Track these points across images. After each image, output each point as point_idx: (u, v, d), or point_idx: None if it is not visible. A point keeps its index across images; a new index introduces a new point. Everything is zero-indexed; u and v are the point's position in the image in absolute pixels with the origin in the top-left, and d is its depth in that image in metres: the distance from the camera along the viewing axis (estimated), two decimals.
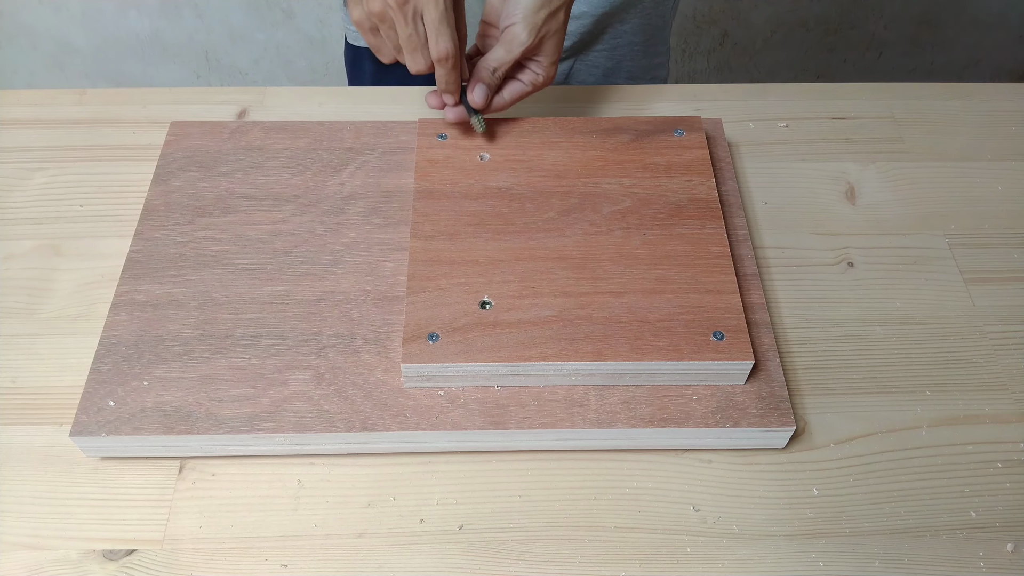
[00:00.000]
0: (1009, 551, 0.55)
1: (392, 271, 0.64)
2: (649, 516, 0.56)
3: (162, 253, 0.64)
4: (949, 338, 0.65)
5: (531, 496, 0.57)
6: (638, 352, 0.56)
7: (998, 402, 0.61)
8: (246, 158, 0.71)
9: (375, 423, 0.56)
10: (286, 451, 0.57)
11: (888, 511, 0.56)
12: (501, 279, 0.60)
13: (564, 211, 0.65)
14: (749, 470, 0.58)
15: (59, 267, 0.68)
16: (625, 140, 0.70)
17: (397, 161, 0.71)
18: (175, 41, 1.71)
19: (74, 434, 0.55)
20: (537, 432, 0.56)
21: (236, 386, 0.57)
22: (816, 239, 0.71)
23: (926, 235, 0.71)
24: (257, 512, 0.55)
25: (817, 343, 0.64)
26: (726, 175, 0.71)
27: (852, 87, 0.83)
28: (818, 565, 0.54)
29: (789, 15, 1.73)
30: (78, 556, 0.53)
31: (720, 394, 0.58)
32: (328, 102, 0.81)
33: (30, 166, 0.75)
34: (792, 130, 0.79)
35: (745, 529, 0.55)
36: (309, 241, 0.65)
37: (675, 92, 0.83)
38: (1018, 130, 0.80)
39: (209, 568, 0.53)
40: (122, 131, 0.78)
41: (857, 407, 0.61)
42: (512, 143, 0.69)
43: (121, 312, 0.61)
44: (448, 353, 0.56)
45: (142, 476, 0.57)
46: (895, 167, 0.77)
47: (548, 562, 0.54)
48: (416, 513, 0.56)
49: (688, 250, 0.62)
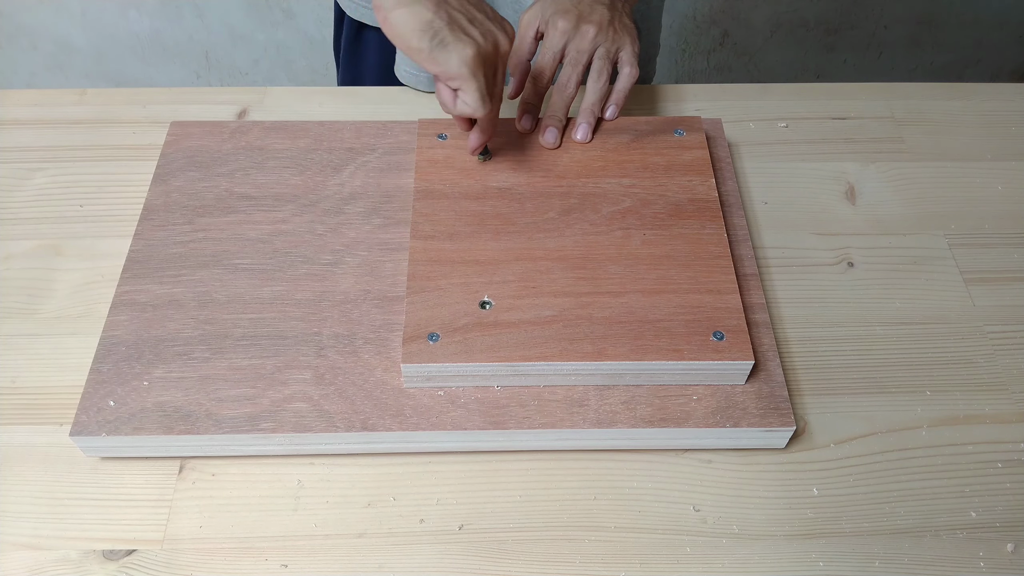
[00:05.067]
0: (1009, 551, 0.55)
1: (392, 271, 0.64)
2: (649, 516, 0.56)
3: (162, 253, 0.64)
4: (949, 338, 0.65)
5: (531, 496, 0.57)
6: (638, 352, 0.56)
7: (998, 402, 0.61)
8: (246, 158, 0.71)
9: (375, 423, 0.56)
10: (286, 451, 0.57)
11: (888, 511, 0.56)
12: (501, 279, 0.60)
13: (564, 211, 0.65)
14: (749, 470, 0.58)
15: (59, 267, 0.68)
16: (625, 140, 0.70)
17: (397, 161, 0.71)
18: (175, 41, 1.71)
19: (74, 434, 0.55)
20: (537, 432, 0.56)
21: (236, 386, 0.57)
22: (816, 239, 0.71)
23: (926, 235, 0.71)
24: (257, 512, 0.55)
25: (817, 343, 0.64)
26: (726, 175, 0.71)
27: (852, 87, 0.83)
28: (818, 565, 0.54)
29: (789, 15, 1.73)
30: (78, 556, 0.53)
31: (720, 394, 0.58)
32: (328, 102, 0.81)
33: (30, 166, 0.75)
34: (792, 130, 0.79)
35: (745, 529, 0.55)
36: (309, 241, 0.65)
37: (675, 92, 0.83)
38: (1018, 130, 0.80)
39: (209, 568, 0.53)
40: (122, 131, 0.78)
41: (857, 407, 0.61)
42: (512, 143, 0.69)
43: (121, 312, 0.61)
44: (448, 353, 0.56)
45: (142, 476, 0.57)
46: (895, 167, 0.77)
47: (548, 562, 0.54)
48: (416, 513, 0.56)
49: (688, 250, 0.62)
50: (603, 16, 0.69)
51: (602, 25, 0.69)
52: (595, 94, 0.69)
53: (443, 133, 0.69)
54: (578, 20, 0.69)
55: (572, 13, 0.69)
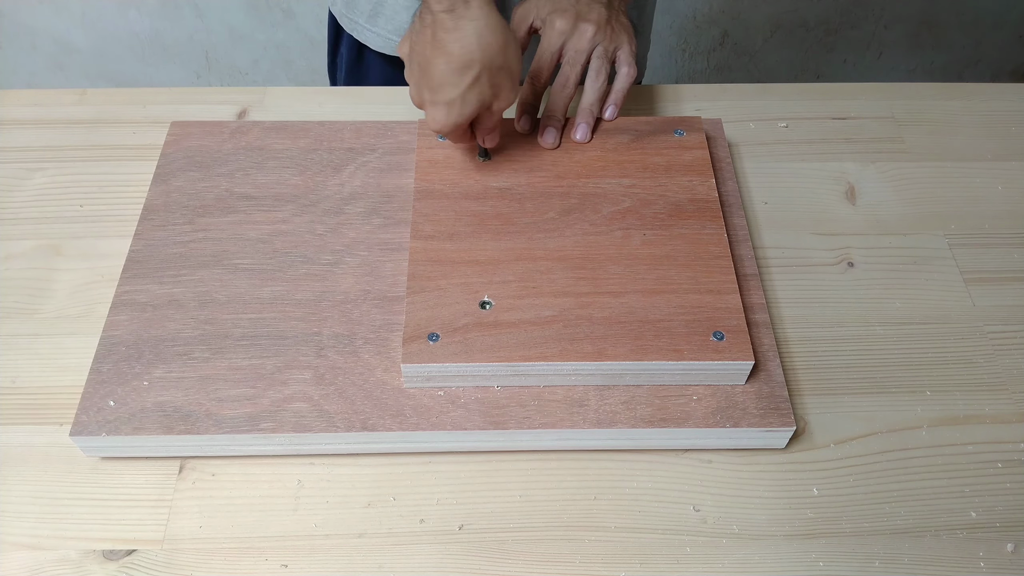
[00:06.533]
0: (1009, 551, 0.55)
1: (392, 271, 0.64)
2: (649, 516, 0.56)
3: (162, 253, 0.64)
4: (949, 338, 0.65)
5: (531, 496, 0.57)
6: (638, 352, 0.56)
7: (998, 402, 0.61)
8: (246, 158, 0.71)
9: (375, 423, 0.56)
10: (286, 451, 0.57)
11: (888, 511, 0.56)
12: (501, 279, 0.60)
13: (564, 211, 0.65)
14: (749, 470, 0.58)
15: (59, 267, 0.68)
16: (625, 140, 0.70)
17: (397, 161, 0.71)
18: (175, 41, 1.71)
19: (74, 434, 0.55)
20: (537, 432, 0.56)
21: (236, 386, 0.57)
22: (816, 239, 0.71)
23: (926, 235, 0.71)
24: (257, 512, 0.55)
25: (817, 343, 0.64)
26: (726, 175, 0.71)
27: (852, 87, 0.83)
28: (818, 565, 0.54)
29: (789, 15, 1.73)
30: (78, 556, 0.53)
31: (720, 394, 0.58)
32: (328, 102, 0.81)
33: (30, 166, 0.75)
34: (792, 130, 0.79)
35: (745, 529, 0.55)
36: (309, 241, 0.65)
37: (675, 92, 0.83)
38: (1018, 130, 0.80)
39: (209, 568, 0.53)
40: (122, 131, 0.78)
41: (857, 407, 0.61)
42: (512, 143, 0.69)
43: (121, 312, 0.61)
44: (448, 353, 0.56)
45: (142, 476, 0.57)
46: (895, 167, 0.77)
47: (548, 562, 0.54)
48: (416, 513, 0.56)
49: (688, 250, 0.62)
50: (600, 15, 0.69)
51: (600, 24, 0.69)
52: (594, 94, 0.69)
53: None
54: (576, 19, 0.69)
55: (570, 12, 0.69)
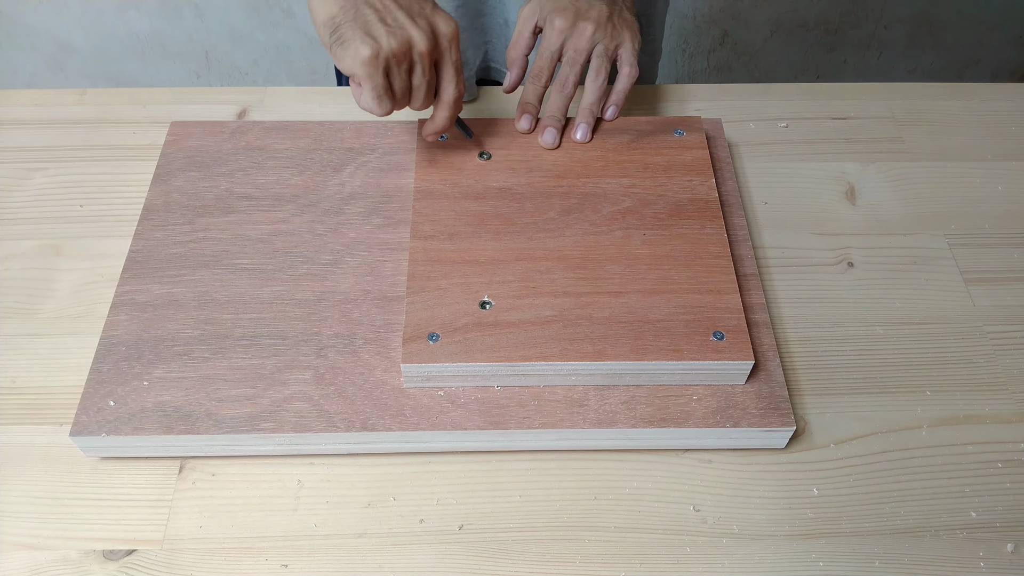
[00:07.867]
0: (1009, 551, 0.55)
1: (392, 271, 0.64)
2: (649, 516, 0.56)
3: (162, 253, 0.64)
4: (949, 338, 0.65)
5: (531, 496, 0.57)
6: (638, 352, 0.56)
7: (998, 402, 0.61)
8: (246, 158, 0.71)
9: (375, 423, 0.56)
10: (286, 451, 0.57)
11: (888, 511, 0.56)
12: (501, 279, 0.60)
13: (564, 211, 0.65)
14: (749, 470, 0.58)
15: (59, 267, 0.68)
16: (625, 140, 0.70)
17: (397, 161, 0.71)
18: (175, 41, 1.71)
19: (74, 434, 0.55)
20: (537, 432, 0.56)
21: (236, 386, 0.57)
22: (816, 239, 0.71)
23: (926, 235, 0.71)
24: (257, 512, 0.55)
25: (817, 343, 0.64)
26: (726, 175, 0.71)
27: (852, 87, 0.83)
28: (818, 565, 0.54)
29: (789, 15, 1.73)
30: (78, 556, 0.53)
31: (720, 394, 0.58)
32: (328, 102, 0.81)
33: (30, 166, 0.75)
34: (792, 130, 0.79)
35: (745, 529, 0.55)
36: (309, 241, 0.65)
37: (675, 92, 0.83)
38: (1018, 130, 0.80)
39: (209, 568, 0.53)
40: (122, 131, 0.78)
41: (857, 407, 0.61)
42: (512, 143, 0.69)
43: (121, 312, 0.61)
44: (448, 353, 0.56)
45: (142, 476, 0.57)
46: (895, 167, 0.77)
47: (548, 562, 0.54)
48: (416, 513, 0.56)
49: (688, 250, 0.62)
50: (601, 13, 0.69)
51: (600, 22, 0.68)
52: (594, 93, 0.69)
53: (443, 133, 0.69)
54: (575, 18, 0.68)
55: (569, 11, 0.69)
